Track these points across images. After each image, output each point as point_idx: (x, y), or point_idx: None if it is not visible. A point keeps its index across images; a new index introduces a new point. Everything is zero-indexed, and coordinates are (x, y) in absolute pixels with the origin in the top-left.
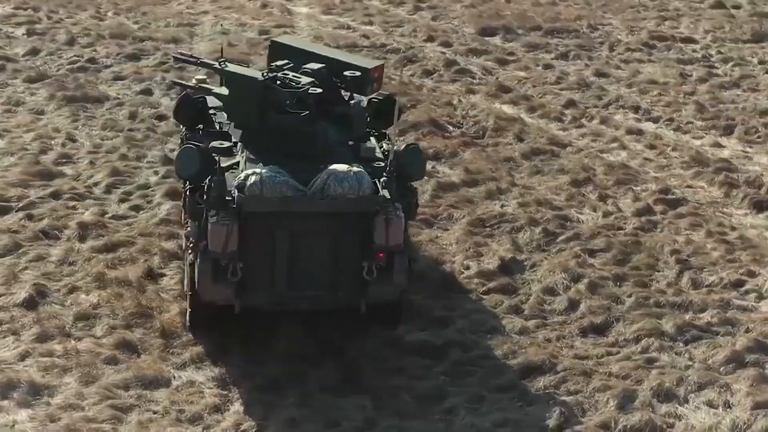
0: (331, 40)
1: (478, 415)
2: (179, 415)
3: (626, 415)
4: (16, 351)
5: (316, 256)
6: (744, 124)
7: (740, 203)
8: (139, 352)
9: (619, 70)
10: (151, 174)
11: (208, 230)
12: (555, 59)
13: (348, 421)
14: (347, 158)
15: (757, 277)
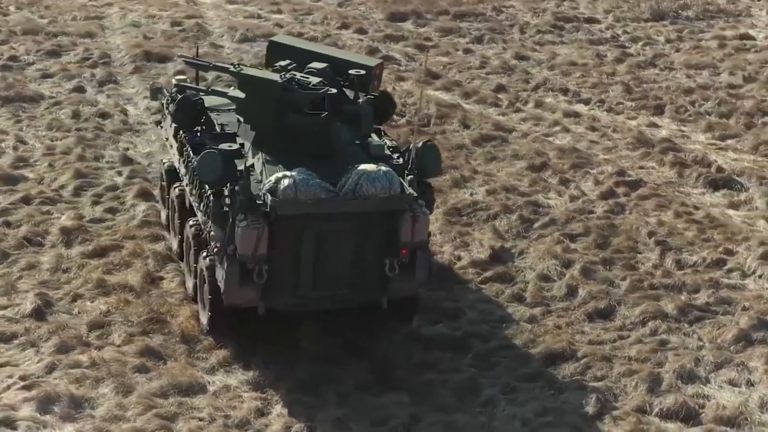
0: (248, 30)
1: (516, 406)
2: (226, 421)
3: (658, 398)
4: (42, 363)
5: (340, 256)
6: (673, 104)
7: (695, 183)
8: (164, 358)
9: (536, 53)
10: (115, 175)
11: (237, 234)
12: (471, 43)
13: (393, 418)
14: (359, 156)
15: (735, 256)
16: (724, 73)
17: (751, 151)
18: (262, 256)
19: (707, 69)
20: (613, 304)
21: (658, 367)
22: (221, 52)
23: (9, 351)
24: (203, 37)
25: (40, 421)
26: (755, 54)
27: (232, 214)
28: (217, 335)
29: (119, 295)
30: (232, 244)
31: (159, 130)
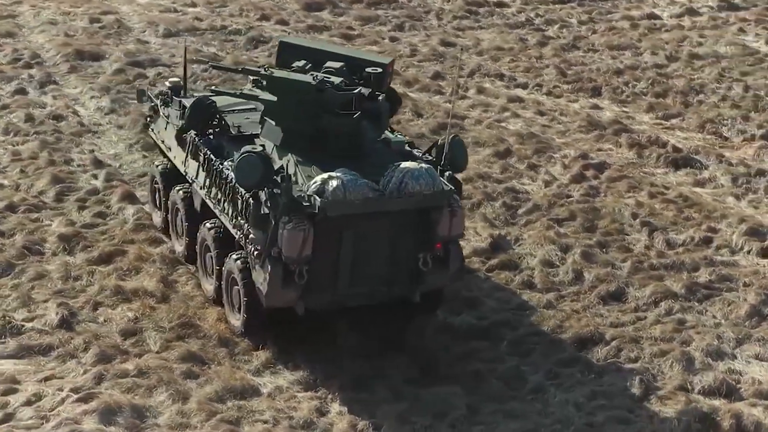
0: (170, 24)
1: (564, 391)
2: (290, 422)
3: (695, 376)
4: (89, 375)
5: (378, 253)
6: (608, 85)
7: (656, 163)
8: (207, 362)
9: (460, 39)
10: (91, 178)
11: (283, 237)
12: (393, 31)
13: (452, 410)
14: (384, 153)
15: (719, 233)
16: (646, 53)
17: (698, 130)
18: (306, 258)
19: (629, 50)
20: (622, 287)
21: (686, 345)
22: (148, 47)
23: (50, 363)
24: (125, 34)
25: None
26: (667, 33)
27: (274, 217)
28: (253, 337)
29: (142, 301)
30: (276, 246)
31: (150, 132)
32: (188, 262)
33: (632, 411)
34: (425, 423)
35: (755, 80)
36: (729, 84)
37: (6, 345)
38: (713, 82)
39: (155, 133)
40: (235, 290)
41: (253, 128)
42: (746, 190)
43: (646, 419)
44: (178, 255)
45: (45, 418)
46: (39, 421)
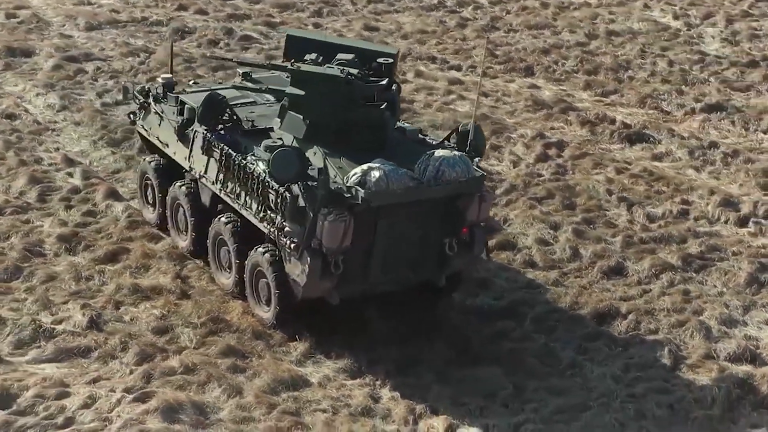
0: (88, 17)
1: (599, 365)
2: (349, 410)
3: (717, 344)
4: (136, 374)
5: (409, 240)
6: (539, 65)
7: (610, 139)
8: (247, 356)
9: (380, 23)
10: (67, 176)
11: (324, 228)
12: (313, 17)
13: (500, 389)
14: (403, 142)
15: (693, 205)
16: (564, 31)
17: (639, 105)
18: (346, 248)
19: (547, 29)
20: (620, 261)
21: (698, 315)
22: (75, 42)
23: (93, 365)
24: (46, 28)
25: (175, 431)
26: (578, 11)
27: (312, 210)
28: (285, 328)
29: (166, 298)
30: (315, 238)
31: (137, 127)
32: (194, 258)
33: (668, 381)
34: (479, 403)
35: (676, 55)
36: (653, 59)
37: (43, 349)
38: (637, 58)
39: (146, 129)
40: (262, 283)
41: (264, 122)
42: (704, 162)
43: (683, 388)
44: (183, 251)
45: (107, 420)
46: (102, 424)
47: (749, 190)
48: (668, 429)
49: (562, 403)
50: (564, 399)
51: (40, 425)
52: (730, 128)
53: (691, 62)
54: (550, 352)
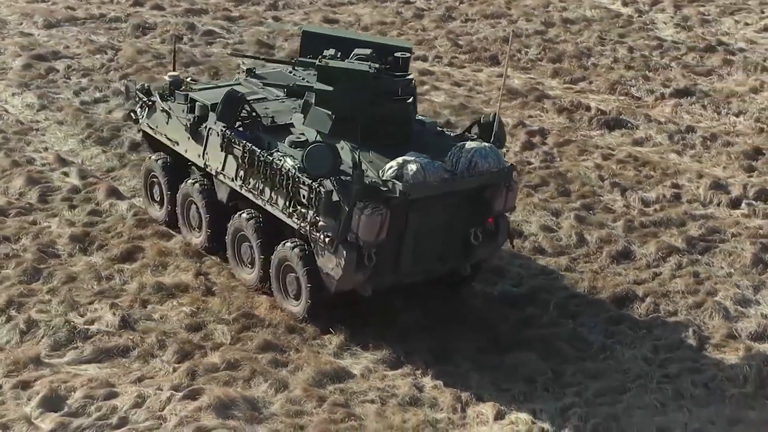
0: (45, 15)
1: (629, 348)
2: (397, 399)
3: (736, 323)
4: (179, 372)
5: (436, 231)
6: (503, 54)
7: (589, 126)
8: (285, 350)
9: (339, 15)
10: (63, 176)
11: (361, 222)
12: (270, 11)
13: (538, 374)
14: (425, 135)
15: (683, 189)
16: (521, 20)
17: (610, 92)
18: (382, 241)
19: (503, 18)
20: (626, 246)
21: (713, 296)
22: (36, 40)
23: (134, 364)
24: (4, 27)
25: (232, 427)
26: (530, 0)
27: (347, 204)
28: (316, 322)
29: (192, 294)
30: (351, 231)
31: (141, 125)
32: (210, 254)
33: (697, 361)
34: (522, 389)
35: (635, 41)
36: (613, 46)
37: (82, 350)
38: (597, 45)
39: (151, 127)
40: (290, 277)
41: (282, 118)
42: (684, 147)
43: (713, 367)
44: (198, 247)
45: (161, 418)
46: (156, 422)
47: (733, 172)
48: (707, 407)
49: (601, 386)
50: (602, 382)
51: (96, 426)
52: (702, 112)
53: (651, 48)
54: (579, 337)
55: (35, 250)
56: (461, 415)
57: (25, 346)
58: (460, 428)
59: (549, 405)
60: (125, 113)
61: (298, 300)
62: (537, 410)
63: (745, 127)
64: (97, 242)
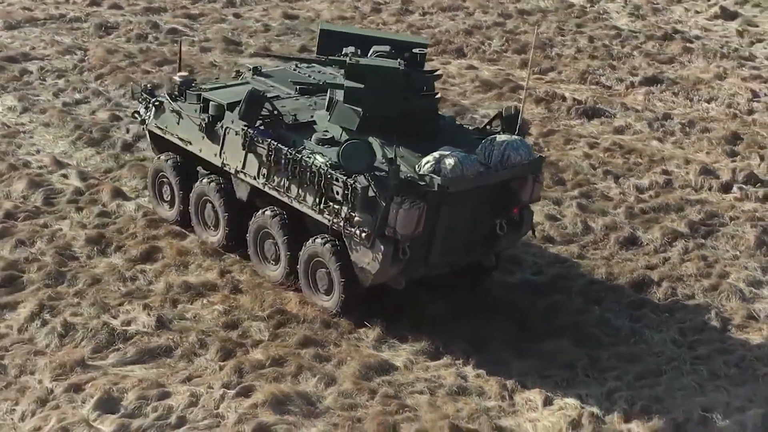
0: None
1: (656, 331)
2: (445, 390)
3: (753, 304)
4: (227, 370)
5: (464, 223)
6: (468, 46)
7: (568, 115)
8: (324, 345)
9: (298, 11)
10: (63, 178)
11: (399, 216)
12: (228, 7)
13: (577, 360)
14: (447, 129)
15: (673, 175)
16: (477, 12)
17: (580, 82)
18: (418, 234)
19: (460, 11)
20: (632, 232)
21: (725, 278)
22: (2, 42)
23: (179, 364)
24: None
25: (291, 422)
26: None
27: (384, 198)
28: (349, 316)
29: (222, 293)
30: (389, 226)
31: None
32: (228, 252)
33: (723, 342)
34: (563, 375)
35: (593, 31)
36: (573, 36)
37: (125, 351)
38: (558, 36)
39: (160, 128)
40: (320, 273)
41: (303, 116)
42: (665, 134)
43: (740, 347)
44: (215, 246)
45: (218, 416)
46: (215, 420)
47: (717, 157)
48: (742, 387)
49: (639, 370)
50: (638, 366)
51: (155, 426)
52: (674, 99)
53: (610, 38)
54: (607, 322)
55: (53, 253)
56: (510, 402)
57: (66, 349)
58: (512, 415)
59: (593, 390)
60: (131, 114)
61: (329, 295)
62: (583, 395)
63: (718, 113)
64: (114, 244)
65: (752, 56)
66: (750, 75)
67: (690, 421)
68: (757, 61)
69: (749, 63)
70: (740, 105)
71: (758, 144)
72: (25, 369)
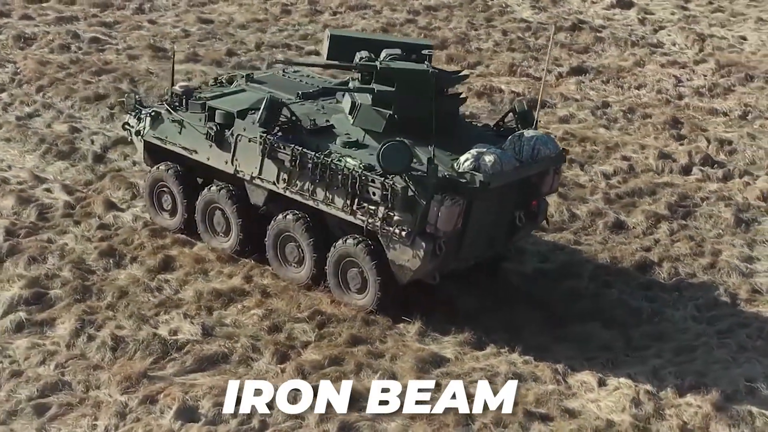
0: None
1: (674, 309)
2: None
3: (753, 279)
4: (289, 372)
5: (491, 216)
6: None
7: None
8: (371, 342)
9: (210, 15)
10: (46, 192)
11: (441, 213)
12: (138, 14)
13: (613, 341)
14: (462, 127)
15: (632, 160)
16: (385, 9)
17: (510, 75)
18: (457, 230)
19: (369, 9)
20: (616, 216)
21: (718, 255)
22: None
23: (239, 369)
24: None
25: (370, 419)
26: None
27: (425, 197)
28: (384, 313)
29: (255, 297)
30: (429, 223)
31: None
32: (241, 257)
33: (738, 315)
34: (607, 356)
35: (503, 24)
36: (486, 31)
37: (182, 361)
38: (471, 31)
39: (160, 138)
40: (352, 272)
41: (318, 120)
42: (608, 121)
43: (756, 320)
44: (228, 252)
45: (299, 417)
46: (297, 422)
47: (665, 141)
48: None
49: (673, 347)
50: (670, 343)
51: (241, 431)
52: (605, 88)
53: (521, 30)
54: (626, 304)
55: (71, 268)
56: (566, 385)
57: (121, 362)
58: (572, 398)
59: (638, 368)
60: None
61: (361, 294)
62: (631, 374)
63: (651, 99)
64: (128, 255)
65: (660, 43)
66: (667, 61)
67: (738, 392)
68: (665, 47)
69: (659, 50)
70: (669, 90)
71: (699, 127)
72: (90, 384)
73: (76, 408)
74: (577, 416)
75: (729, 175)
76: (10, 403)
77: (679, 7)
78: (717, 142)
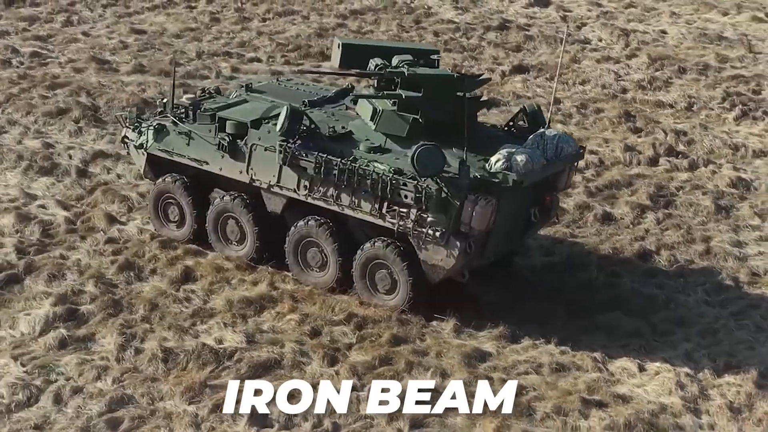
0: None
1: (686, 295)
2: (547, 368)
3: (748, 262)
4: (343, 373)
5: (512, 213)
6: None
7: None
8: (412, 340)
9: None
10: (45, 209)
11: (475, 212)
12: (68, 26)
13: (641, 328)
14: (478, 127)
15: (599, 154)
16: (312, 15)
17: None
18: (490, 229)
19: (296, 15)
20: (602, 208)
21: (709, 242)
22: None
23: (293, 373)
24: None
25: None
26: None
27: (459, 198)
28: (415, 312)
29: (284, 304)
30: (463, 223)
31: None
32: (257, 264)
33: (745, 298)
34: (639, 343)
35: (432, 26)
36: (418, 33)
37: (237, 368)
38: (403, 33)
39: (166, 150)
40: (381, 274)
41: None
42: (564, 117)
43: (764, 301)
44: (245, 259)
45: (366, 417)
46: (367, 421)
47: (624, 135)
48: None
49: (696, 331)
50: (694, 327)
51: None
52: (551, 85)
53: (452, 31)
54: (639, 293)
55: (94, 283)
56: (608, 373)
57: (175, 372)
58: (618, 384)
59: (671, 353)
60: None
61: (390, 295)
62: (667, 358)
63: (597, 94)
64: (148, 268)
65: (587, 39)
66: (601, 57)
67: None
68: (593, 43)
69: (588, 46)
70: (612, 85)
71: (652, 120)
72: (153, 396)
73: (149, 420)
74: (629, 401)
75: (694, 165)
76: (81, 419)
77: (593, 4)
78: (673, 133)
